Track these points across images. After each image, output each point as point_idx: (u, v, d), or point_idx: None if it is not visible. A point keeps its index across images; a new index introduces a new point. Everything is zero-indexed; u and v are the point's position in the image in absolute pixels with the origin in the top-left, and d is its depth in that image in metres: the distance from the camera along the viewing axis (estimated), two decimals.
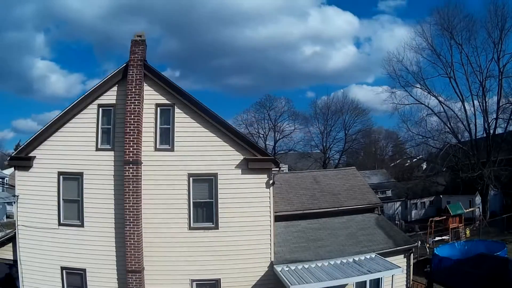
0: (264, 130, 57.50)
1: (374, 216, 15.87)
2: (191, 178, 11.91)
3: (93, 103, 11.96)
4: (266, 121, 57.23)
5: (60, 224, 11.76)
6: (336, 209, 15.49)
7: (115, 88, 11.99)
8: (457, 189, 36.82)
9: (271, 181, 12.20)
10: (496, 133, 33.97)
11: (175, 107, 12.08)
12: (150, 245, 11.54)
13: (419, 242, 20.73)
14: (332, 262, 12.00)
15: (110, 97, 11.98)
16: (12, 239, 12.32)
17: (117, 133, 11.72)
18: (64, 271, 11.62)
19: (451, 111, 35.74)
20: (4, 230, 19.36)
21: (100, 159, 11.75)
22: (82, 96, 11.94)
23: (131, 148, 11.28)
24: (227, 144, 12.10)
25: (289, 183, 16.92)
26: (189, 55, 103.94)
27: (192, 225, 11.87)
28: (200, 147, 11.98)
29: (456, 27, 34.41)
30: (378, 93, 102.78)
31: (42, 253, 11.62)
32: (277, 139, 56.98)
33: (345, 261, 12.09)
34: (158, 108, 12.09)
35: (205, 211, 12.05)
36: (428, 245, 24.67)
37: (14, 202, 13.34)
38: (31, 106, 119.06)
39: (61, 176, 11.84)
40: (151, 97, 12.01)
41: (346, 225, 14.90)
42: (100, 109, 11.98)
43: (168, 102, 12.10)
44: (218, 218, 11.91)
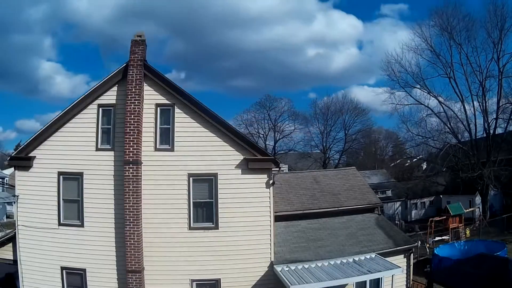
0: (264, 130, 57.60)
1: (374, 216, 15.87)
2: (191, 178, 11.91)
3: (93, 103, 11.95)
4: (266, 121, 57.35)
5: (60, 224, 11.76)
6: (336, 209, 15.49)
7: (115, 88, 11.99)
8: (457, 189, 36.80)
9: (271, 181, 12.20)
10: (496, 133, 33.95)
11: (175, 107, 12.08)
12: (150, 245, 11.54)
13: (419, 242, 20.73)
14: (332, 262, 12.00)
15: (110, 97, 11.98)
16: (12, 239, 12.32)
17: (117, 133, 11.72)
18: (64, 271, 11.62)
19: (451, 111, 35.77)
20: (4, 230, 19.37)
21: (100, 159, 11.75)
22: (82, 96, 11.93)
23: (131, 148, 11.28)
24: (227, 144, 12.10)
25: (289, 183, 16.92)
26: (194, 57, 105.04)
27: (192, 225, 11.87)
28: (200, 147, 11.98)
29: (456, 27, 34.42)
30: (378, 93, 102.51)
31: (42, 253, 11.62)
32: (277, 139, 57.07)
33: (345, 261, 12.09)
34: (158, 108, 12.09)
35: (205, 211, 12.05)
36: (428, 245, 24.67)
37: (14, 202, 13.34)
38: (36, 107, 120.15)
39: (61, 176, 11.84)
40: (151, 97, 12.01)
41: (346, 225, 14.90)
42: (100, 109, 11.98)
43: (168, 102, 12.10)
44: (218, 218, 11.90)
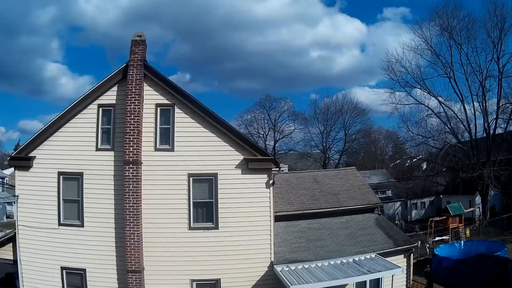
0: (264, 130, 57.60)
1: (374, 216, 15.88)
2: (191, 178, 11.90)
3: (93, 103, 11.95)
4: (266, 121, 57.36)
5: (60, 224, 11.75)
6: (336, 209, 15.50)
7: (115, 88, 11.98)
8: (457, 189, 36.80)
9: (271, 181, 12.20)
10: (496, 133, 33.98)
11: (175, 107, 12.08)
12: (150, 245, 11.53)
13: (419, 242, 20.75)
14: (332, 262, 12.00)
15: (110, 97, 11.97)
16: (12, 239, 12.31)
17: (117, 133, 11.71)
18: (64, 271, 11.62)
19: (451, 111, 35.83)
20: (4, 230, 19.35)
21: (100, 159, 11.74)
22: (82, 96, 11.92)
23: (131, 148, 11.27)
24: (227, 144, 12.10)
25: (289, 183, 16.93)
26: (200, 59, 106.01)
27: (192, 225, 11.87)
28: (200, 147, 11.98)
29: (456, 27, 34.46)
30: (377, 93, 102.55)
31: (42, 253, 11.60)
32: (277, 139, 57.08)
33: (345, 261, 12.09)
34: (158, 108, 12.09)
35: (205, 211, 12.05)
36: (428, 245, 24.68)
37: (14, 202, 13.34)
38: (40, 107, 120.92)
39: (61, 176, 11.84)
40: (151, 97, 12.00)
41: (346, 225, 14.90)
42: (100, 109, 11.97)
43: (168, 102, 12.09)
44: (218, 218, 11.90)
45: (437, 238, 26.73)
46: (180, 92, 12.03)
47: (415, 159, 47.21)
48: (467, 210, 31.98)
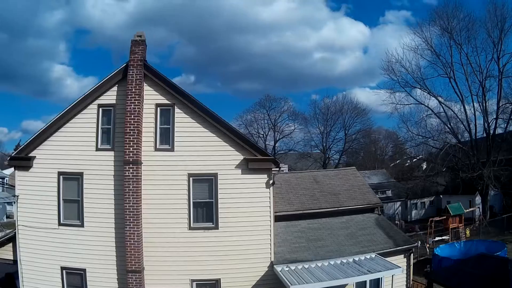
0: (264, 130, 57.62)
1: (374, 216, 15.88)
2: (191, 178, 11.90)
3: (93, 103, 11.94)
4: (266, 121, 57.38)
5: (60, 224, 11.75)
6: (336, 209, 15.50)
7: (115, 88, 11.98)
8: (457, 189, 36.81)
9: (271, 181, 12.20)
10: (496, 133, 33.99)
11: (175, 107, 12.08)
12: (150, 245, 11.53)
13: (419, 242, 20.76)
14: (332, 262, 12.00)
15: (110, 97, 11.97)
16: (12, 239, 12.32)
17: (117, 133, 11.71)
18: (64, 271, 11.62)
19: (451, 111, 35.82)
20: (4, 230, 19.36)
21: (100, 159, 11.74)
22: (82, 96, 11.92)
23: (131, 148, 11.27)
24: (227, 144, 12.10)
25: (289, 183, 16.93)
26: (204, 61, 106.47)
27: (192, 225, 11.87)
28: (200, 147, 11.98)
29: (456, 27, 34.46)
30: (378, 94, 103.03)
31: (42, 253, 11.60)
32: (277, 139, 57.10)
33: (345, 261, 12.09)
34: (158, 108, 12.09)
35: (205, 211, 12.05)
36: (428, 245, 24.69)
37: (14, 202, 13.33)
38: (44, 108, 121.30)
39: (61, 176, 11.84)
40: (151, 97, 12.00)
41: (346, 225, 14.90)
42: (100, 109, 11.97)
43: (168, 102, 12.09)
44: (218, 218, 11.90)
45: (437, 238, 26.74)
46: (180, 92, 12.03)
47: (415, 159, 47.23)
48: (467, 210, 31.99)
